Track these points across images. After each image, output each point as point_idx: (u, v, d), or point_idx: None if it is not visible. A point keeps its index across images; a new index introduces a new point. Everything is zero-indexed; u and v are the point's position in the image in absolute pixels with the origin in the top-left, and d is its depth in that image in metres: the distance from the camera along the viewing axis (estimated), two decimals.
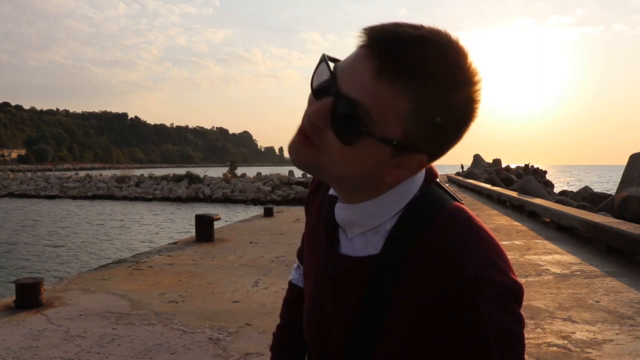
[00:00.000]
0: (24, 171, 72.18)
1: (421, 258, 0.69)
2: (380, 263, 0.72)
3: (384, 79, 0.62)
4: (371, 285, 0.73)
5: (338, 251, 0.78)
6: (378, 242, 0.73)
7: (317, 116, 0.65)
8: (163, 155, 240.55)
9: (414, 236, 0.70)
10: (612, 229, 7.05)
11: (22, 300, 4.44)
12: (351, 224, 0.75)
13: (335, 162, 0.67)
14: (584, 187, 22.09)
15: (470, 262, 0.65)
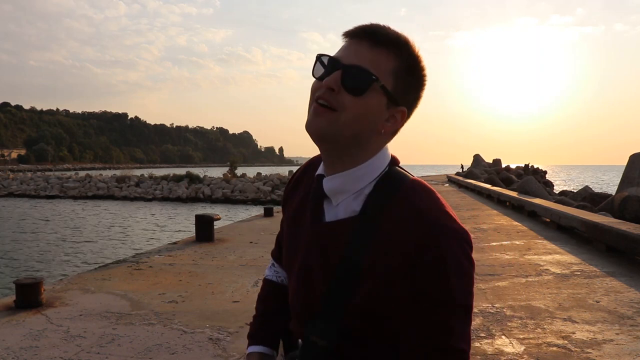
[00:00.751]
0: (24, 171, 72.17)
1: (393, 214, 0.88)
2: (360, 221, 0.90)
3: (377, 49, 0.90)
4: (352, 239, 0.90)
5: (322, 221, 0.96)
6: (358, 205, 0.92)
7: (332, 81, 0.88)
8: (163, 155, 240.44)
9: (386, 198, 0.90)
10: (612, 229, 7.04)
11: (22, 300, 4.44)
12: (338, 191, 0.94)
13: (349, 118, 0.88)
14: (584, 187, 22.08)
15: (432, 213, 0.87)
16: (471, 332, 0.92)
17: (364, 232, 0.89)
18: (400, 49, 0.91)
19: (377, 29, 0.90)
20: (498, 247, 7.65)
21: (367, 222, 0.89)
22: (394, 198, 0.90)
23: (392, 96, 0.90)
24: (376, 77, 0.88)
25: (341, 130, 0.89)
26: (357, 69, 0.88)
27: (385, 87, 0.89)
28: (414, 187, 0.92)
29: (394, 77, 0.90)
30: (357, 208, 0.92)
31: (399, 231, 0.86)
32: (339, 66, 0.89)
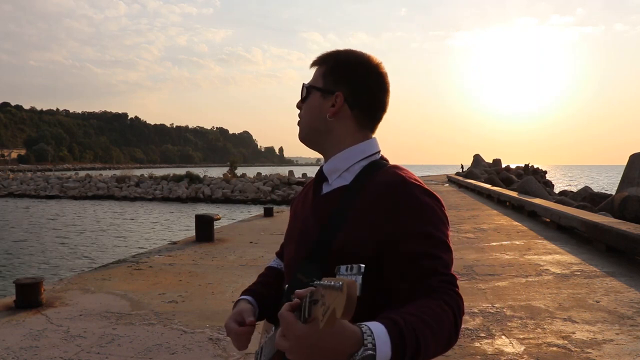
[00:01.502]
0: (24, 171, 72.13)
1: (376, 181, 1.11)
2: (349, 189, 1.13)
3: (316, 67, 1.25)
4: (341, 199, 1.12)
5: (318, 196, 1.20)
6: (349, 180, 1.16)
7: (298, 103, 1.26)
8: (163, 155, 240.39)
9: (370, 173, 1.14)
10: (612, 229, 7.04)
11: (22, 300, 4.44)
12: (332, 170, 1.19)
13: (304, 121, 1.23)
14: (584, 187, 22.07)
15: (404, 178, 1.10)
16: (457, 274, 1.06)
17: (351, 194, 1.12)
18: (325, 60, 1.23)
19: (316, 59, 1.25)
20: (498, 247, 7.65)
21: (354, 188, 1.13)
22: (377, 172, 1.13)
23: (323, 89, 1.20)
24: (307, 85, 1.24)
25: (305, 132, 1.24)
26: (302, 86, 1.25)
27: (313, 86, 1.22)
28: (395, 166, 1.17)
29: (322, 77, 1.21)
30: (347, 181, 1.16)
31: (379, 189, 1.08)
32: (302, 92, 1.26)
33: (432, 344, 0.91)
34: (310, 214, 1.19)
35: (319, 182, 1.22)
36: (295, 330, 0.82)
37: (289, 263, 1.23)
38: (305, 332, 0.81)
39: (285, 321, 0.84)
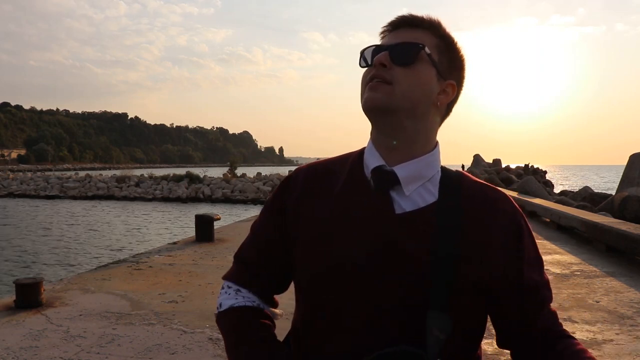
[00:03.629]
0: (24, 171, 72.14)
1: (470, 198, 0.94)
2: (443, 207, 0.92)
3: (416, 30, 0.95)
4: (442, 224, 0.91)
5: (396, 212, 0.92)
6: (433, 192, 0.95)
7: (382, 58, 0.92)
8: (163, 155, 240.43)
9: (458, 183, 0.96)
10: (612, 229, 7.05)
11: (22, 300, 4.44)
12: (415, 177, 0.94)
13: (404, 88, 0.91)
14: (584, 187, 22.07)
15: (506, 195, 0.98)
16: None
17: (452, 217, 0.92)
18: (437, 28, 0.97)
19: (411, 17, 0.97)
20: None
21: (451, 206, 0.93)
22: (463, 182, 0.97)
23: (439, 68, 0.95)
24: (422, 45, 0.93)
25: (398, 101, 0.91)
26: (403, 44, 0.93)
27: (431, 56, 0.93)
28: (463, 172, 1.01)
29: (438, 51, 0.95)
30: (434, 195, 0.94)
31: (486, 213, 0.94)
32: (385, 48, 0.94)
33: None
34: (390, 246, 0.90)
35: (382, 189, 0.94)
36: None
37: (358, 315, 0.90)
38: None
39: None
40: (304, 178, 1.03)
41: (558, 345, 0.93)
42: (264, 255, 1.04)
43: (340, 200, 0.96)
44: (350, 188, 0.97)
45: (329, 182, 0.99)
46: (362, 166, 0.99)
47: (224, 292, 1.06)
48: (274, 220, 1.03)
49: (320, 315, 0.93)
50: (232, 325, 1.01)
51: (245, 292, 1.04)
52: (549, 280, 1.00)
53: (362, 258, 0.90)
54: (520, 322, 0.96)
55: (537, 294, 0.96)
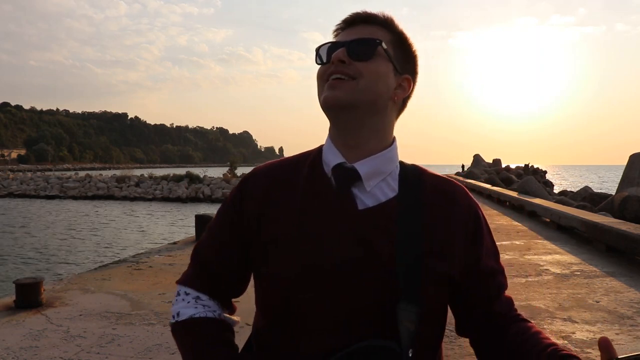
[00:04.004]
0: (24, 171, 72.16)
1: (430, 190, 0.98)
2: (404, 201, 0.94)
3: (371, 26, 0.97)
4: (404, 217, 0.93)
5: (359, 208, 0.93)
6: (393, 186, 0.96)
7: (340, 55, 0.92)
8: (163, 155, 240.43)
9: (417, 177, 0.99)
10: (612, 229, 7.05)
11: (22, 300, 4.44)
12: (375, 173, 0.95)
13: (367, 82, 0.92)
14: (584, 187, 22.08)
15: (462, 187, 1.05)
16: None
17: (413, 209, 0.94)
18: (390, 24, 0.99)
19: (365, 14, 0.98)
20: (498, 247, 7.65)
21: (413, 199, 0.95)
22: (421, 176, 0.99)
23: (396, 63, 0.96)
24: (379, 40, 0.94)
25: (361, 96, 0.92)
26: (360, 40, 0.94)
27: (388, 51, 0.95)
28: (417, 165, 1.04)
29: (393, 46, 0.97)
30: (394, 189, 0.96)
31: (445, 205, 0.97)
32: (341, 44, 0.94)
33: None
34: (360, 243, 0.90)
35: (344, 186, 0.94)
36: None
37: (331, 312, 0.90)
38: None
39: None
40: (264, 180, 1.01)
41: (514, 328, 0.97)
42: (224, 259, 1.02)
43: (305, 200, 0.95)
44: (313, 187, 0.96)
45: (291, 183, 0.98)
46: (322, 164, 0.98)
47: (181, 299, 1.02)
48: (234, 222, 1.01)
49: (296, 315, 0.91)
50: (192, 339, 0.98)
51: (205, 299, 1.01)
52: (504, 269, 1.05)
53: (337, 257, 0.90)
54: (478, 308, 1.00)
55: (494, 280, 1.00)
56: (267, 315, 0.97)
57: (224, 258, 1.02)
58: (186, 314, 0.99)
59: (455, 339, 3.61)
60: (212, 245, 1.04)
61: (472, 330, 1.03)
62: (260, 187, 1.00)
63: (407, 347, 0.85)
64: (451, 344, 3.55)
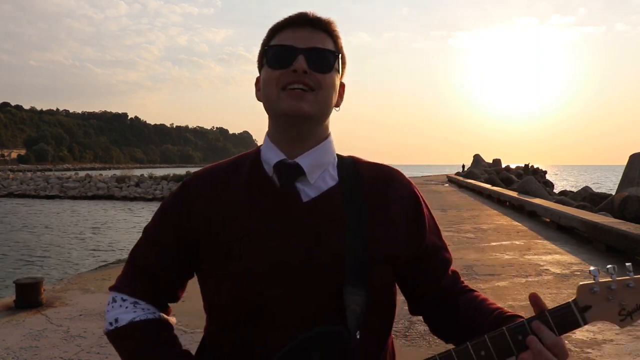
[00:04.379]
0: (24, 171, 72.17)
1: (367, 176, 1.01)
2: (344, 188, 0.98)
3: (319, 33, 0.98)
4: (347, 202, 0.96)
5: (301, 203, 0.95)
6: (333, 175, 0.99)
7: (303, 65, 0.93)
8: (163, 155, 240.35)
9: (354, 165, 1.02)
10: (612, 229, 7.05)
11: (22, 300, 4.44)
12: (317, 165, 0.98)
13: (326, 94, 0.96)
14: (584, 187, 22.08)
15: (399, 172, 1.06)
16: None
17: (354, 196, 0.97)
18: (335, 32, 1.00)
19: (315, 17, 0.99)
20: (498, 247, 7.65)
21: (353, 187, 0.98)
22: (358, 166, 1.02)
23: (339, 72, 1.01)
24: (338, 53, 0.99)
25: (319, 109, 0.96)
26: (320, 50, 0.96)
27: (337, 62, 0.99)
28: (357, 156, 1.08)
29: (336, 57, 1.00)
30: (335, 178, 0.99)
31: (385, 188, 1.01)
32: (300, 51, 0.95)
33: None
34: (308, 232, 0.93)
35: (288, 182, 0.97)
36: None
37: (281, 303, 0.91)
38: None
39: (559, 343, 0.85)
40: (206, 183, 1.02)
41: (462, 299, 1.03)
42: (165, 261, 1.01)
43: (251, 199, 0.97)
44: (257, 186, 0.98)
45: (234, 183, 1.00)
46: (262, 163, 1.01)
47: (118, 305, 0.99)
48: (176, 224, 1.00)
49: (263, 312, 0.92)
50: (135, 343, 0.97)
51: (143, 304, 1.00)
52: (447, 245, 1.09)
53: (298, 252, 0.92)
54: (428, 286, 1.04)
55: (439, 256, 1.05)
56: (227, 315, 0.96)
57: (165, 260, 1.01)
58: (125, 319, 0.98)
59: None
60: (152, 248, 1.02)
61: (424, 308, 1.07)
62: (207, 188, 1.01)
63: (355, 329, 0.88)
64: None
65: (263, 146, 1.03)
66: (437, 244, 1.05)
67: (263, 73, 1.00)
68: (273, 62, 0.96)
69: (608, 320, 0.88)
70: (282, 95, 0.94)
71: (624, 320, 0.88)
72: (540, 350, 0.83)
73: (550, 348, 0.84)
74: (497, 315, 0.94)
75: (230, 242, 0.94)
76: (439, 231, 1.08)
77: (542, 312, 0.88)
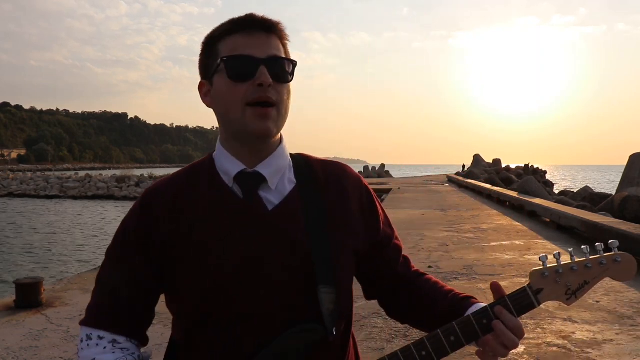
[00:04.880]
0: (24, 171, 72.21)
1: (321, 174, 1.03)
2: (303, 189, 1.00)
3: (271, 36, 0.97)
4: (306, 207, 0.98)
5: (267, 211, 0.97)
6: (291, 175, 1.01)
7: (266, 78, 0.92)
8: (163, 155, 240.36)
9: (307, 165, 1.04)
10: (612, 229, 7.04)
11: (22, 300, 4.44)
12: (277, 172, 0.99)
13: (285, 107, 0.96)
14: (584, 187, 22.09)
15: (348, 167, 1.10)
16: None
17: (313, 196, 1.00)
18: (285, 35, 1.00)
19: (261, 18, 0.96)
20: (498, 247, 7.65)
21: (312, 187, 1.01)
22: (311, 164, 1.05)
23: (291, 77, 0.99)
24: (296, 62, 0.99)
25: (281, 123, 0.97)
26: (279, 59, 0.95)
27: (293, 70, 0.99)
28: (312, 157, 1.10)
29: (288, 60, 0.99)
30: (293, 181, 1.01)
31: (340, 186, 1.04)
32: (261, 62, 0.93)
33: None
34: (278, 236, 0.95)
35: (252, 191, 0.97)
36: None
37: (259, 307, 0.93)
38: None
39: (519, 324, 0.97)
40: (163, 200, 0.98)
41: (417, 283, 1.11)
42: (137, 283, 0.98)
43: (214, 214, 0.96)
44: (218, 198, 0.97)
45: (194, 196, 0.98)
46: (219, 175, 0.99)
47: (94, 344, 0.96)
48: (140, 246, 0.97)
49: (239, 316, 0.93)
50: None
51: (122, 341, 0.98)
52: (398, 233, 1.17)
53: (270, 259, 0.94)
54: (383, 272, 1.11)
55: (392, 245, 1.12)
56: (198, 318, 0.97)
57: (137, 282, 0.98)
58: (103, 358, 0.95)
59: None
60: (118, 268, 0.99)
61: (379, 293, 1.14)
62: (162, 208, 0.98)
63: (331, 326, 0.94)
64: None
65: (217, 155, 1.01)
66: (390, 234, 1.11)
67: (220, 84, 0.96)
68: (233, 74, 0.93)
69: (557, 299, 0.99)
70: (247, 113, 0.92)
71: (570, 299, 1.00)
72: (503, 331, 0.94)
73: (512, 329, 0.95)
74: (451, 297, 1.05)
75: (199, 253, 0.94)
76: (389, 221, 1.14)
77: (503, 298, 0.99)
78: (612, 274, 1.00)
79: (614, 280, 1.01)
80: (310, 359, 0.94)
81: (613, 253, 1.01)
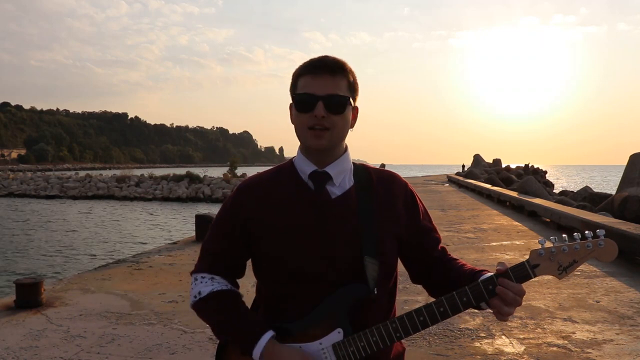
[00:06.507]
0: (24, 171, 72.15)
1: (382, 180, 1.41)
2: (360, 186, 1.37)
3: (336, 76, 1.32)
4: (362, 198, 1.35)
5: (331, 199, 1.34)
6: (351, 178, 1.38)
7: (322, 111, 1.29)
8: (163, 155, 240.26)
9: (365, 170, 1.41)
10: (612, 229, 7.04)
11: (22, 300, 4.44)
12: (341, 172, 1.36)
13: (339, 131, 1.32)
14: (584, 187, 22.08)
15: (401, 180, 1.44)
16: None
17: (367, 190, 1.36)
18: (347, 71, 1.34)
19: (329, 62, 1.32)
20: (498, 247, 7.65)
21: (366, 186, 1.37)
22: (368, 170, 1.41)
23: (352, 103, 1.35)
24: (349, 97, 1.32)
25: (335, 141, 1.34)
26: (335, 97, 1.30)
27: (352, 101, 1.34)
28: (364, 163, 1.46)
29: (350, 90, 1.34)
30: (352, 180, 1.38)
31: (389, 186, 1.40)
32: (320, 98, 1.29)
33: None
34: (337, 218, 1.32)
35: (321, 185, 1.34)
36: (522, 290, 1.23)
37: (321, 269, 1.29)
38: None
39: (520, 289, 1.22)
40: (256, 189, 1.39)
41: (448, 265, 1.41)
42: (230, 246, 1.39)
43: (293, 199, 1.35)
44: (297, 191, 1.36)
45: (279, 189, 1.37)
46: (298, 173, 1.38)
47: (199, 282, 1.39)
48: (236, 222, 1.37)
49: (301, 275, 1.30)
50: (218, 306, 1.35)
51: (218, 278, 1.39)
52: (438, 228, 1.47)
53: (331, 233, 1.31)
54: (423, 258, 1.42)
55: (431, 235, 1.43)
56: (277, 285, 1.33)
57: (230, 246, 1.38)
58: (206, 290, 1.36)
59: (455, 339, 3.61)
60: (219, 238, 1.40)
61: (421, 276, 1.45)
62: (255, 196, 1.39)
63: (373, 286, 1.29)
64: (451, 344, 3.55)
65: (296, 159, 1.40)
66: (429, 227, 1.44)
67: (294, 112, 1.34)
68: (299, 107, 1.31)
69: (550, 274, 1.24)
70: (308, 134, 1.31)
71: (561, 274, 1.24)
72: (505, 292, 1.21)
73: (512, 291, 1.21)
74: (470, 271, 1.34)
75: (279, 229, 1.32)
76: (430, 218, 1.45)
77: (506, 270, 1.24)
78: (596, 255, 1.22)
79: (598, 260, 1.23)
80: (358, 309, 1.29)
81: (598, 239, 1.22)
